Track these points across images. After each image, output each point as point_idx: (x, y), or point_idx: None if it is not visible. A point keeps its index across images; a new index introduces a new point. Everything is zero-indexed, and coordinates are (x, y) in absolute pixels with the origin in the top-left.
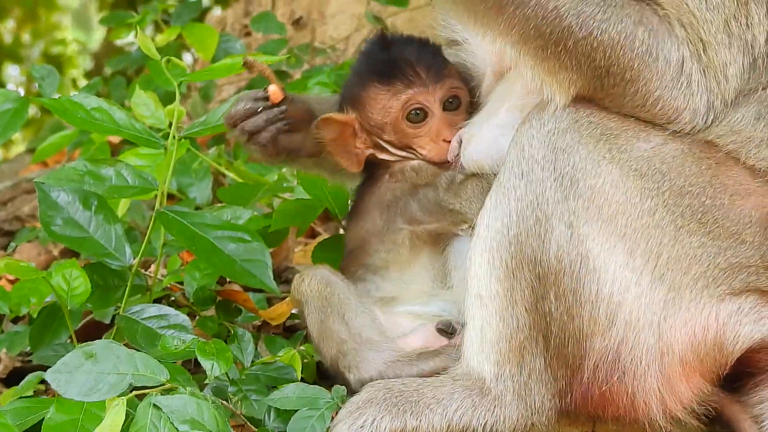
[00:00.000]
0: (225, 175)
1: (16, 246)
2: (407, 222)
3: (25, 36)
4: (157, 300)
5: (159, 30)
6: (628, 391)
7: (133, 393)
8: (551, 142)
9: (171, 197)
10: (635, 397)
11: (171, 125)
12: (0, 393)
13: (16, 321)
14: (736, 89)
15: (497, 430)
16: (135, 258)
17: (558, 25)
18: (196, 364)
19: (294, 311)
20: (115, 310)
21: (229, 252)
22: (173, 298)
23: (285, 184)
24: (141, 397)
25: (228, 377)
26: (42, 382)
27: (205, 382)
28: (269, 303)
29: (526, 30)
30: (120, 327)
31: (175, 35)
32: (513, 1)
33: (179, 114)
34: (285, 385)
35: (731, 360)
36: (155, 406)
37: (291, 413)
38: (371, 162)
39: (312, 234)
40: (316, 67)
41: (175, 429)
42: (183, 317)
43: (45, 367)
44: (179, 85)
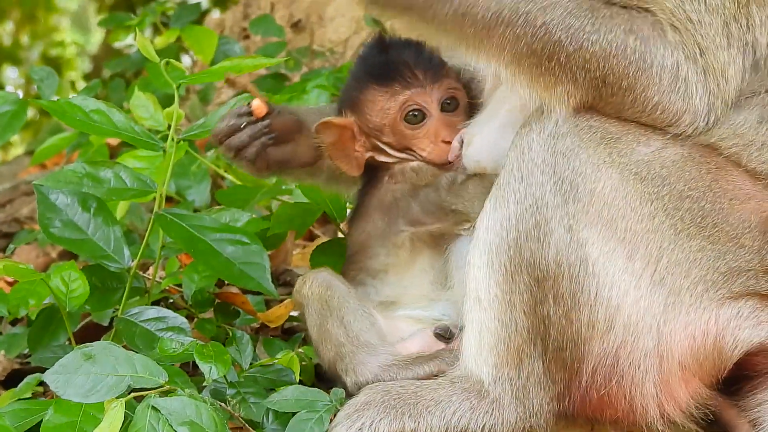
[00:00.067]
0: (223, 178)
1: (14, 248)
2: (409, 223)
3: (24, 38)
4: (156, 302)
5: (158, 32)
6: (626, 395)
7: (132, 395)
8: (551, 145)
9: (169, 200)
10: (633, 401)
11: (170, 127)
12: None
13: (14, 323)
14: (736, 89)
15: None
16: (133, 260)
17: (548, 41)
18: (194, 366)
19: (293, 313)
20: (114, 312)
21: (228, 254)
22: (172, 300)
23: (283, 186)
24: (139, 399)
25: (226, 380)
26: (40, 383)
27: (204, 384)
28: (267, 305)
29: (517, 49)
30: (118, 329)
31: (174, 38)
32: (502, 22)
33: (178, 116)
34: (283, 388)
35: (730, 364)
36: (154, 407)
37: (289, 416)
38: (371, 165)
39: (310, 237)
40: (314, 70)
41: (174, 431)
42: (181, 319)
43: (43, 369)
44: (178, 88)
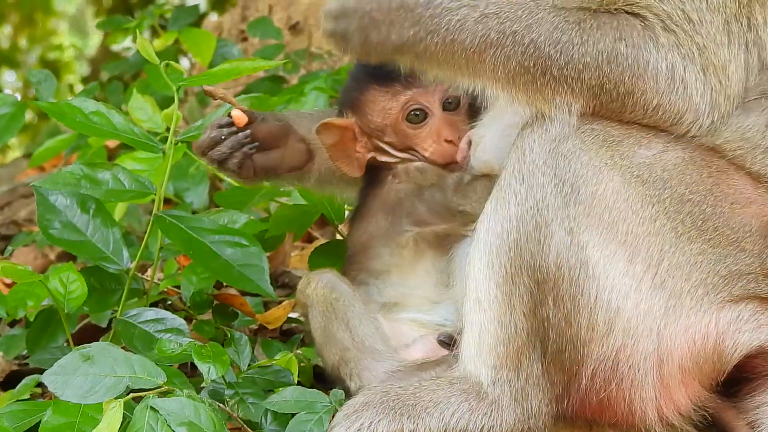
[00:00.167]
0: (222, 180)
1: (12, 250)
2: (414, 224)
3: (22, 41)
4: (154, 304)
5: (156, 35)
6: (625, 398)
7: (130, 395)
8: (553, 148)
9: (167, 202)
10: (632, 404)
11: (168, 129)
12: None
13: (13, 324)
14: (739, 86)
15: None
16: (132, 262)
17: (539, 57)
18: (192, 367)
19: (291, 315)
20: (112, 313)
21: (226, 256)
22: (170, 302)
23: (281, 188)
24: (138, 400)
25: (225, 380)
26: (39, 385)
27: (202, 385)
28: (266, 307)
29: (510, 68)
30: (117, 330)
31: (172, 40)
32: (491, 44)
33: (177, 118)
34: (282, 389)
35: (729, 367)
36: (152, 408)
37: (288, 417)
38: (372, 165)
39: (308, 239)
40: (312, 73)
41: (172, 431)
42: (180, 321)
43: (42, 371)
44: (178, 90)
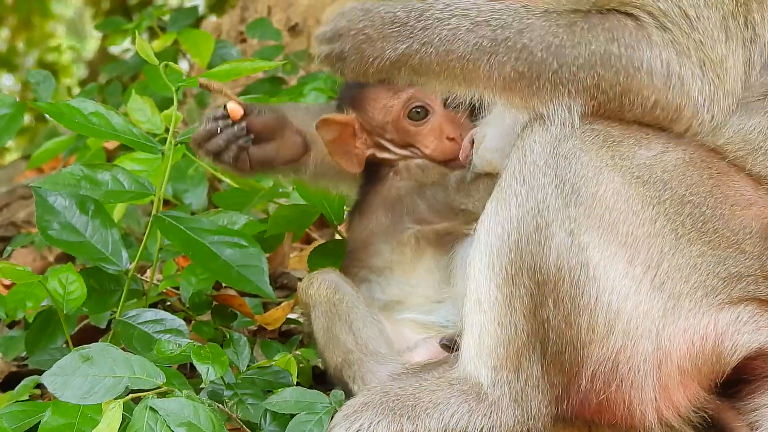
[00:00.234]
0: (221, 181)
1: (12, 251)
2: (415, 221)
3: (20, 44)
4: (153, 305)
5: (154, 36)
6: (625, 400)
7: (130, 396)
8: (554, 148)
9: (166, 203)
10: (632, 405)
11: (167, 130)
12: None
13: (11, 326)
14: (738, 80)
15: None
16: (131, 263)
17: (533, 61)
18: (191, 368)
19: (290, 316)
20: (111, 314)
21: (226, 257)
22: (169, 302)
23: (280, 189)
24: (137, 401)
25: (224, 381)
26: (38, 386)
27: (201, 386)
28: (265, 308)
29: (505, 74)
30: (116, 331)
31: (171, 41)
32: (484, 51)
33: (176, 119)
34: (282, 389)
35: (728, 368)
36: (151, 408)
37: (287, 417)
38: (372, 162)
39: (307, 240)
40: (311, 74)
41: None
42: (179, 322)
43: (41, 372)
44: (177, 91)
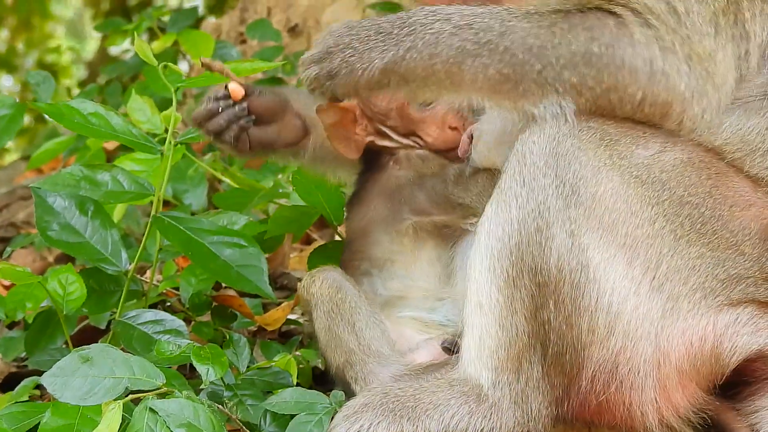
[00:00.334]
0: (221, 181)
1: (11, 251)
2: (413, 212)
3: (19, 45)
4: (153, 305)
5: (154, 38)
6: (625, 401)
7: (129, 397)
8: (552, 148)
9: (166, 203)
10: (632, 406)
11: (167, 130)
12: None
13: (11, 326)
14: (728, 75)
15: None
16: (131, 263)
17: (516, 63)
18: (191, 369)
19: (290, 316)
20: (111, 315)
21: (225, 257)
22: (169, 303)
23: (280, 190)
24: (137, 401)
25: (223, 382)
26: (37, 387)
27: (201, 387)
28: (265, 309)
29: (490, 76)
30: (116, 332)
31: (171, 42)
32: (468, 54)
33: (175, 120)
34: (282, 390)
35: (728, 370)
36: (151, 409)
37: (287, 418)
38: (371, 149)
39: (307, 240)
40: None
41: None
42: (179, 322)
43: (40, 372)
44: (176, 91)
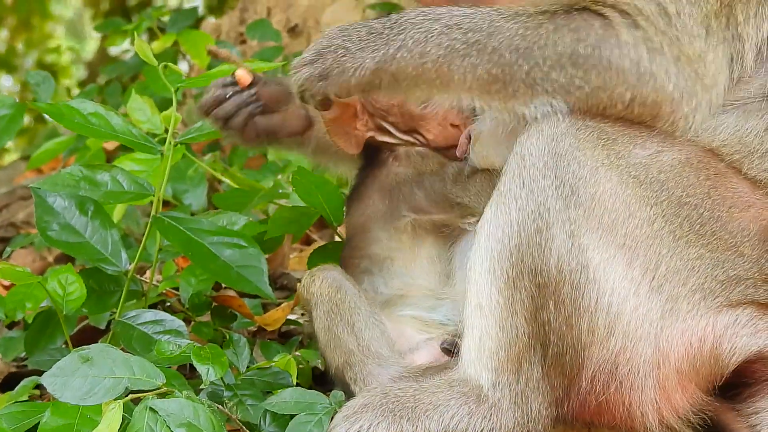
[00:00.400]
0: (220, 182)
1: (11, 251)
2: (411, 210)
3: (19, 45)
4: (153, 305)
5: (153, 38)
6: (624, 401)
7: (130, 397)
8: (551, 148)
9: (166, 204)
10: (632, 407)
11: (167, 131)
12: None
13: (11, 326)
14: (719, 76)
15: None
16: (131, 263)
17: (504, 64)
18: (191, 369)
19: (290, 317)
20: (111, 315)
21: (225, 258)
22: (169, 303)
23: (280, 190)
24: (137, 401)
25: (223, 382)
26: (37, 387)
27: (201, 387)
28: (264, 309)
29: (479, 76)
30: (115, 332)
31: (171, 42)
32: (457, 54)
33: (176, 120)
34: (282, 390)
35: (728, 371)
36: (151, 409)
37: (287, 418)
38: (371, 145)
39: (307, 241)
40: None
41: None
42: (178, 323)
43: (40, 372)
44: (176, 91)
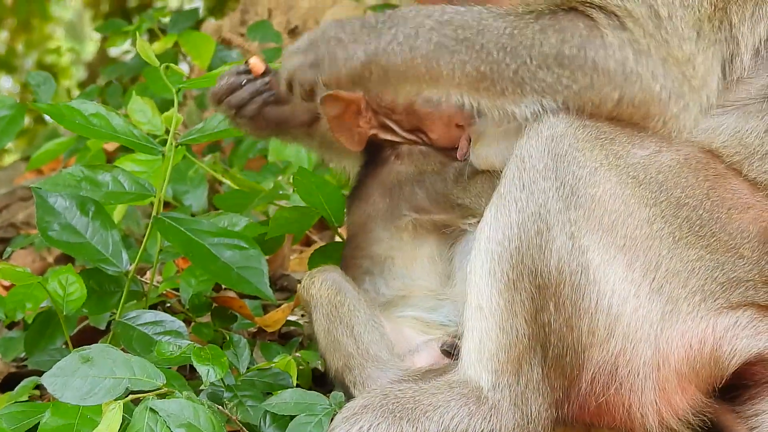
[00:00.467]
0: (221, 183)
1: (11, 251)
2: (412, 209)
3: (19, 46)
4: (153, 306)
5: (154, 39)
6: (624, 403)
7: (130, 397)
8: (551, 149)
9: (166, 205)
10: (632, 409)
11: (168, 131)
12: None
13: (11, 326)
14: (708, 77)
15: None
16: (131, 264)
17: (492, 61)
18: (191, 370)
19: (290, 318)
20: (111, 315)
21: (225, 259)
22: (169, 304)
23: (281, 191)
24: (137, 402)
25: (223, 383)
26: (37, 387)
27: (201, 387)
28: (265, 310)
29: (468, 73)
30: (116, 333)
31: (172, 43)
32: (446, 50)
33: (177, 121)
34: (282, 391)
35: (728, 373)
36: (152, 409)
37: (287, 419)
38: (373, 143)
39: (307, 242)
40: None
41: None
42: (179, 323)
43: (40, 373)
44: (177, 92)
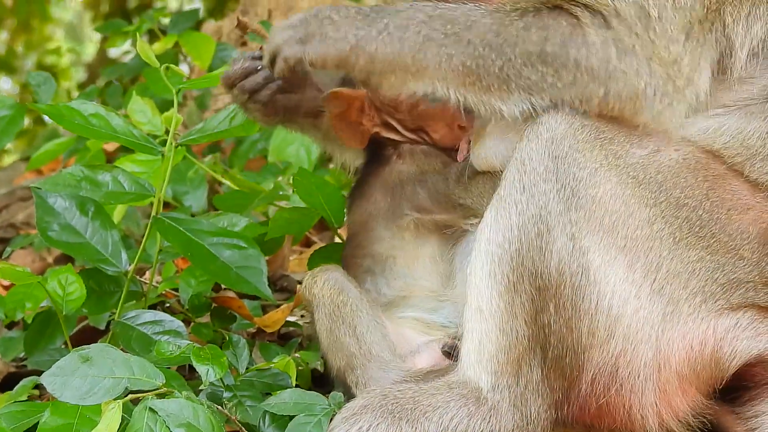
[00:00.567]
0: (221, 183)
1: (11, 251)
2: (414, 209)
3: (19, 47)
4: (153, 306)
5: (154, 40)
6: (625, 404)
7: (129, 397)
8: (551, 151)
9: (166, 205)
10: (632, 410)
11: (168, 132)
12: None
13: (10, 326)
14: (695, 76)
15: None
16: (131, 264)
17: (478, 57)
18: (190, 370)
19: (289, 318)
20: (111, 315)
21: (225, 259)
22: (168, 304)
23: (281, 192)
24: (136, 401)
25: (223, 383)
26: (36, 387)
27: (200, 387)
28: (264, 310)
29: (454, 67)
30: (115, 333)
31: (172, 43)
32: (435, 42)
33: (177, 121)
34: (281, 391)
35: (728, 374)
36: (151, 409)
37: (286, 419)
38: (375, 141)
39: (307, 243)
40: None
41: None
42: (178, 323)
43: (40, 373)
44: (177, 92)
